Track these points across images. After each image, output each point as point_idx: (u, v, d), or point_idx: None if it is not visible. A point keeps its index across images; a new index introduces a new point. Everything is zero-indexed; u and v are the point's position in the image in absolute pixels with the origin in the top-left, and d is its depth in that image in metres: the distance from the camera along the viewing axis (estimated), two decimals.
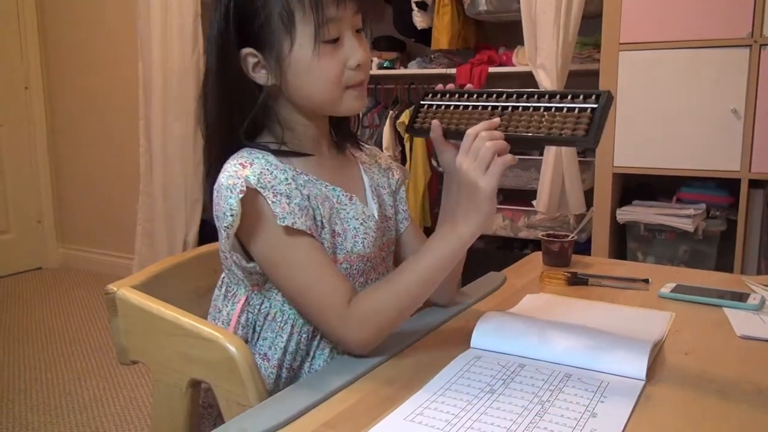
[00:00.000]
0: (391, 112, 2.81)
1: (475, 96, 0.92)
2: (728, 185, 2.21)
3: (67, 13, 3.81)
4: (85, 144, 3.91)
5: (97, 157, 3.87)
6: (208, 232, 3.33)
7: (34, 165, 3.97)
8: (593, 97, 0.82)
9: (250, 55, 0.88)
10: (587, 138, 0.80)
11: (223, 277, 0.98)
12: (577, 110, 0.82)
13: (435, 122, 0.92)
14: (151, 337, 0.92)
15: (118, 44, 3.63)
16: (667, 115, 2.15)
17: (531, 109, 0.85)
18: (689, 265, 2.22)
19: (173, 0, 3.12)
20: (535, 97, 0.86)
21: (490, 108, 0.89)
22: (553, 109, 0.84)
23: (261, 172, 0.84)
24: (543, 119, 0.83)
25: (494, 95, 0.90)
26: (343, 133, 1.02)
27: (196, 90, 3.19)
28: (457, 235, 0.85)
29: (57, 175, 4.05)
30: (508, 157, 0.82)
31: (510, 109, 0.87)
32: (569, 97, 0.83)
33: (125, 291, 0.94)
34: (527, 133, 0.84)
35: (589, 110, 0.81)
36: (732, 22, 2.03)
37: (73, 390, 2.37)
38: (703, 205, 2.22)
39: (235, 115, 0.89)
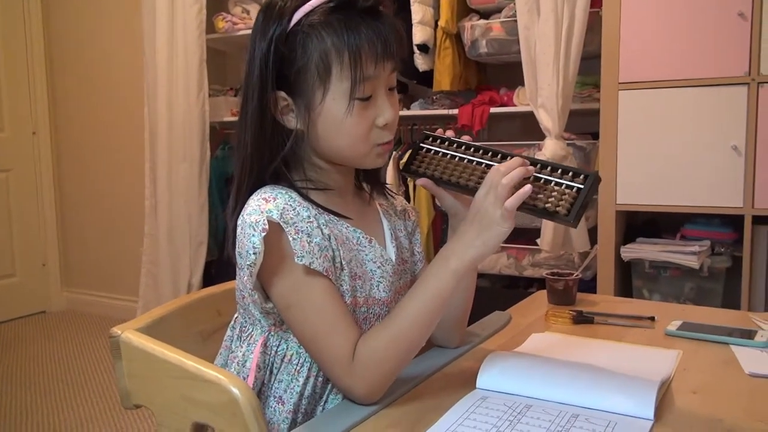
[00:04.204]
0: (394, 153, 2.83)
1: (471, 149, 0.93)
2: (732, 221, 2.21)
3: (74, 60, 3.89)
4: (90, 188, 3.94)
5: (103, 201, 3.90)
6: (212, 274, 3.33)
7: (40, 209, 4.00)
8: (582, 176, 0.83)
9: (281, 98, 0.88)
10: (568, 217, 0.82)
11: (237, 317, 0.98)
12: (564, 187, 0.83)
13: (422, 180, 0.95)
14: (155, 380, 0.91)
15: (124, 90, 3.69)
16: (668, 152, 2.16)
17: None
18: (695, 302, 2.21)
19: (179, 46, 3.19)
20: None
21: (483, 165, 0.91)
22: (542, 181, 0.85)
23: (284, 208, 0.84)
24: (532, 189, 0.84)
25: (489, 153, 0.91)
26: (372, 181, 1.03)
27: (201, 134, 3.23)
28: (449, 270, 0.85)
29: (62, 219, 4.08)
30: (527, 186, 0.82)
31: None
32: (560, 171, 0.85)
33: (129, 334, 0.94)
34: None
35: (575, 189, 0.82)
36: (729, 61, 2.05)
37: None
38: (708, 242, 2.22)
39: (265, 154, 0.90)
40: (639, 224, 2.45)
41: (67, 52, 3.91)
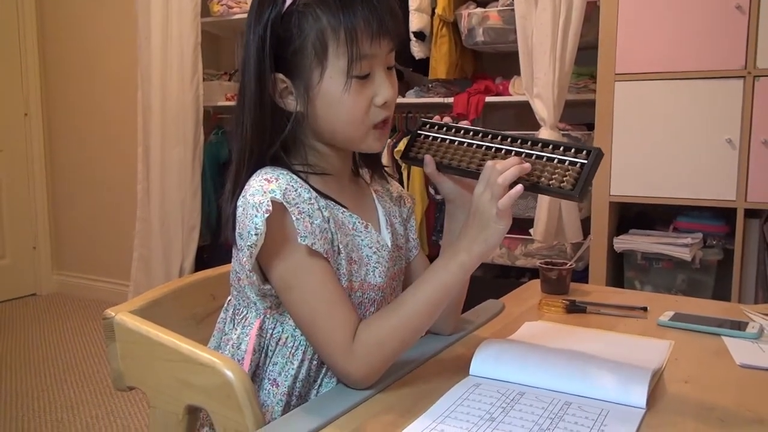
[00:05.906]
0: (389, 140, 2.83)
1: (471, 134, 0.93)
2: (724, 214, 2.22)
3: (67, 41, 3.85)
4: (82, 170, 3.91)
5: (95, 184, 3.88)
6: (204, 259, 3.32)
7: (31, 191, 3.97)
8: (584, 152, 0.84)
9: (279, 80, 0.88)
10: (573, 192, 0.82)
11: (230, 300, 0.97)
12: (567, 163, 0.84)
13: (428, 157, 0.94)
14: (149, 362, 0.91)
15: (118, 73, 3.66)
16: (663, 144, 2.17)
17: (523, 155, 0.86)
18: (687, 294, 2.22)
19: (174, 29, 3.16)
20: (529, 144, 0.87)
21: (483, 148, 0.91)
22: (544, 159, 0.85)
23: (286, 188, 0.84)
24: (534, 167, 0.85)
25: (489, 135, 0.91)
26: (371, 165, 1.03)
27: (194, 118, 3.21)
28: (458, 263, 0.85)
29: (54, 201, 4.05)
30: (518, 186, 0.83)
31: (503, 152, 0.89)
32: (561, 149, 0.85)
33: (123, 316, 0.93)
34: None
35: (578, 165, 0.83)
36: (726, 54, 2.06)
37: (65, 419, 2.34)
38: (700, 234, 2.23)
39: (265, 138, 0.89)
40: (632, 216, 2.46)
41: (61, 34, 3.87)
